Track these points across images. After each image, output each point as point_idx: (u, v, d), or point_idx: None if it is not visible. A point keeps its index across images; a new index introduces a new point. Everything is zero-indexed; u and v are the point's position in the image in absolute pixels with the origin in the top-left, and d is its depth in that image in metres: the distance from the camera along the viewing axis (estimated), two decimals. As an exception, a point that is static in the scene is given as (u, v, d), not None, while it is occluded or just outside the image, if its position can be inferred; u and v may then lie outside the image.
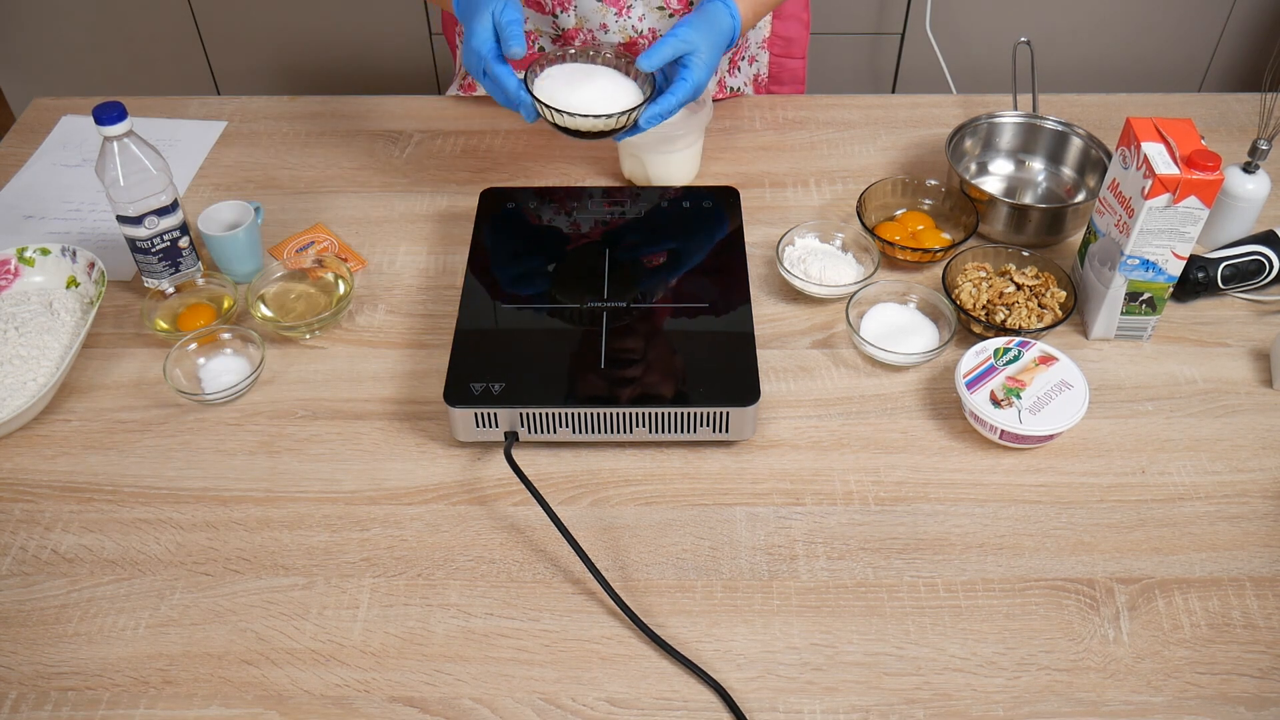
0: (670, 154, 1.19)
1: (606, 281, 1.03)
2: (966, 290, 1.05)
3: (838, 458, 0.95)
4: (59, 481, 0.94)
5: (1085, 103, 1.36)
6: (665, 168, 1.21)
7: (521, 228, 1.11)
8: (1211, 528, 0.89)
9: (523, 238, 1.10)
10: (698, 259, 1.06)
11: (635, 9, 1.23)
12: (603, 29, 1.24)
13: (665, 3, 1.23)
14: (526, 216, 1.12)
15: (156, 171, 1.00)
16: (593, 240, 1.09)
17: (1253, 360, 1.03)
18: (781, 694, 0.79)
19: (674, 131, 1.17)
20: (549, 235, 1.10)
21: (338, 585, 0.86)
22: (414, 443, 0.96)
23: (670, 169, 1.21)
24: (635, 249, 1.07)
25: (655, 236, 1.09)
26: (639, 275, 1.04)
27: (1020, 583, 0.85)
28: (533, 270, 1.06)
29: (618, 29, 1.24)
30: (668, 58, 1.03)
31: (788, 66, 1.40)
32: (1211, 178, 0.91)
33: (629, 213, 1.12)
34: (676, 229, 1.10)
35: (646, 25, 1.24)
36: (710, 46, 1.06)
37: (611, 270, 1.05)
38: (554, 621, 0.83)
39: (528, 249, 1.09)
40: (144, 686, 0.79)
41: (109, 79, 2.40)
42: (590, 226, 1.10)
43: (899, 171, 1.26)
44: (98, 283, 1.06)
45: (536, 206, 1.13)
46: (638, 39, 1.25)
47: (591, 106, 1.00)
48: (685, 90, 1.03)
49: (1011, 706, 0.78)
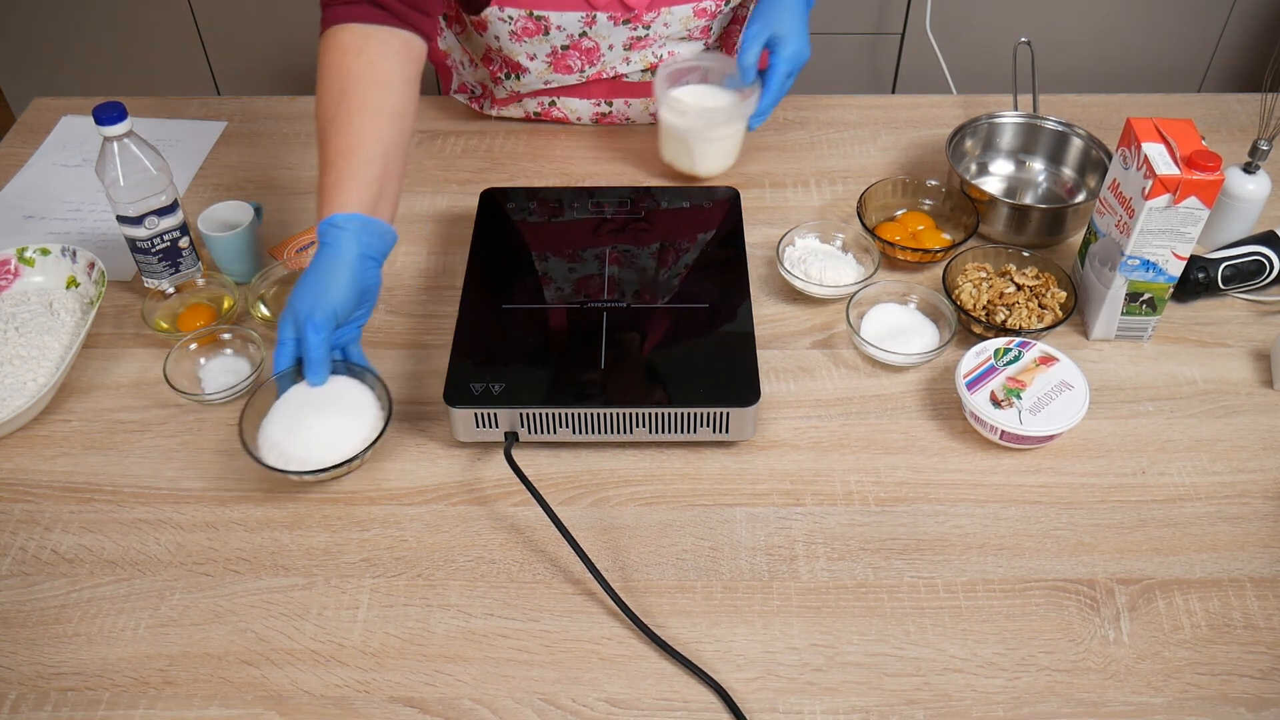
0: (715, 141, 1.19)
1: (606, 281, 1.03)
2: (967, 290, 1.05)
3: (838, 458, 0.95)
4: (59, 481, 0.94)
5: (1085, 103, 1.36)
6: (707, 153, 1.21)
7: (521, 228, 1.11)
8: (1212, 528, 0.89)
9: (523, 238, 1.10)
10: (698, 259, 1.06)
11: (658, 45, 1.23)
12: (624, 61, 1.24)
13: (689, 34, 1.23)
14: (526, 217, 1.12)
15: (156, 171, 1.00)
16: (593, 241, 1.09)
17: (1253, 361, 1.03)
18: (781, 694, 0.78)
19: (720, 117, 1.18)
20: (549, 235, 1.10)
21: (338, 585, 0.86)
22: (414, 443, 0.96)
23: (711, 156, 1.21)
24: (635, 249, 1.07)
25: (655, 237, 1.09)
26: (639, 275, 1.04)
27: (1020, 583, 0.85)
28: (533, 270, 1.06)
29: (638, 58, 1.24)
30: (755, 59, 1.08)
31: None
32: (1212, 178, 0.91)
33: (629, 213, 1.12)
34: (676, 229, 1.10)
35: (665, 50, 1.24)
36: (790, 24, 1.10)
37: (611, 271, 1.05)
38: (554, 622, 0.83)
39: (528, 249, 1.09)
40: (144, 687, 0.79)
41: (109, 79, 2.40)
42: (590, 227, 1.10)
43: (899, 172, 1.26)
44: (98, 283, 1.06)
45: (536, 207, 1.13)
46: (655, 62, 1.25)
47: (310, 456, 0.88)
48: (778, 75, 1.08)
49: (1012, 707, 0.78)
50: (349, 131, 0.95)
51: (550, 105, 1.30)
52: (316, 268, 0.91)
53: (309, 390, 0.92)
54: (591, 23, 1.17)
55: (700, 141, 1.19)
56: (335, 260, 0.91)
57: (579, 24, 1.17)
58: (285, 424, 0.90)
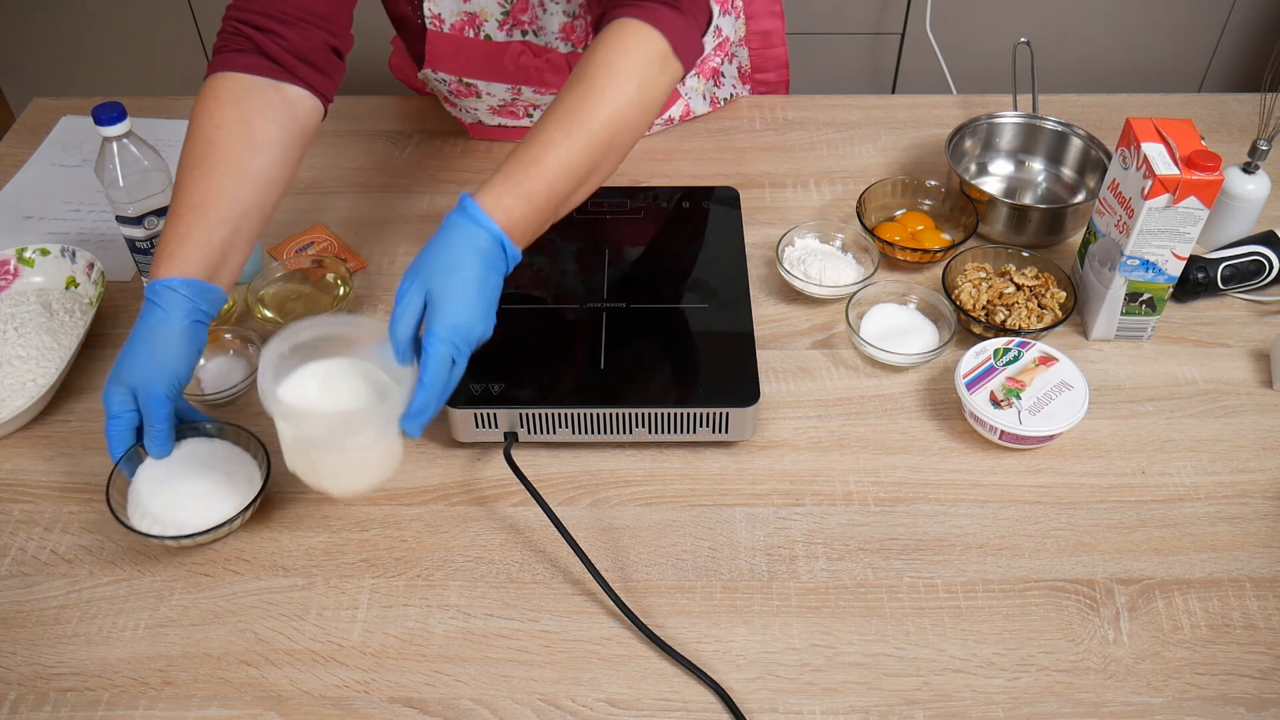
0: (350, 452, 0.82)
1: (606, 281, 1.03)
2: (966, 291, 1.05)
3: (837, 458, 0.95)
4: (59, 481, 0.94)
5: (1085, 103, 1.36)
6: (341, 468, 0.83)
7: (521, 228, 1.11)
8: (1211, 528, 0.89)
9: (522, 238, 1.10)
10: (697, 259, 1.06)
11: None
12: None
13: None
14: (526, 217, 1.12)
15: (156, 172, 1.00)
16: (592, 240, 1.09)
17: (1253, 361, 1.03)
18: (781, 695, 0.78)
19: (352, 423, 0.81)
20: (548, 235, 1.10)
21: (337, 586, 0.86)
22: (413, 443, 0.96)
23: (347, 471, 0.83)
24: (635, 249, 1.07)
25: (655, 237, 1.09)
26: (639, 275, 1.04)
27: (1020, 583, 0.85)
28: (532, 270, 1.06)
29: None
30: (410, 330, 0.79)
31: (769, 55, 1.39)
32: (1211, 178, 0.91)
33: (629, 213, 1.12)
34: (676, 229, 1.10)
35: None
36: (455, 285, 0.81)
37: (611, 270, 1.05)
38: (553, 622, 0.83)
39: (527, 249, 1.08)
40: (144, 687, 0.79)
41: (109, 79, 2.40)
42: (590, 226, 1.10)
43: (899, 172, 1.26)
44: (97, 283, 1.06)
45: (536, 207, 1.13)
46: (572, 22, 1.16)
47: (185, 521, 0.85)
48: (434, 360, 0.78)
49: (1011, 707, 0.78)
50: (206, 187, 0.89)
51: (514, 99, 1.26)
52: (148, 333, 0.84)
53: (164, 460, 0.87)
54: (518, 93, 1.21)
55: (329, 454, 0.82)
56: (167, 326, 0.84)
57: (507, 92, 1.21)
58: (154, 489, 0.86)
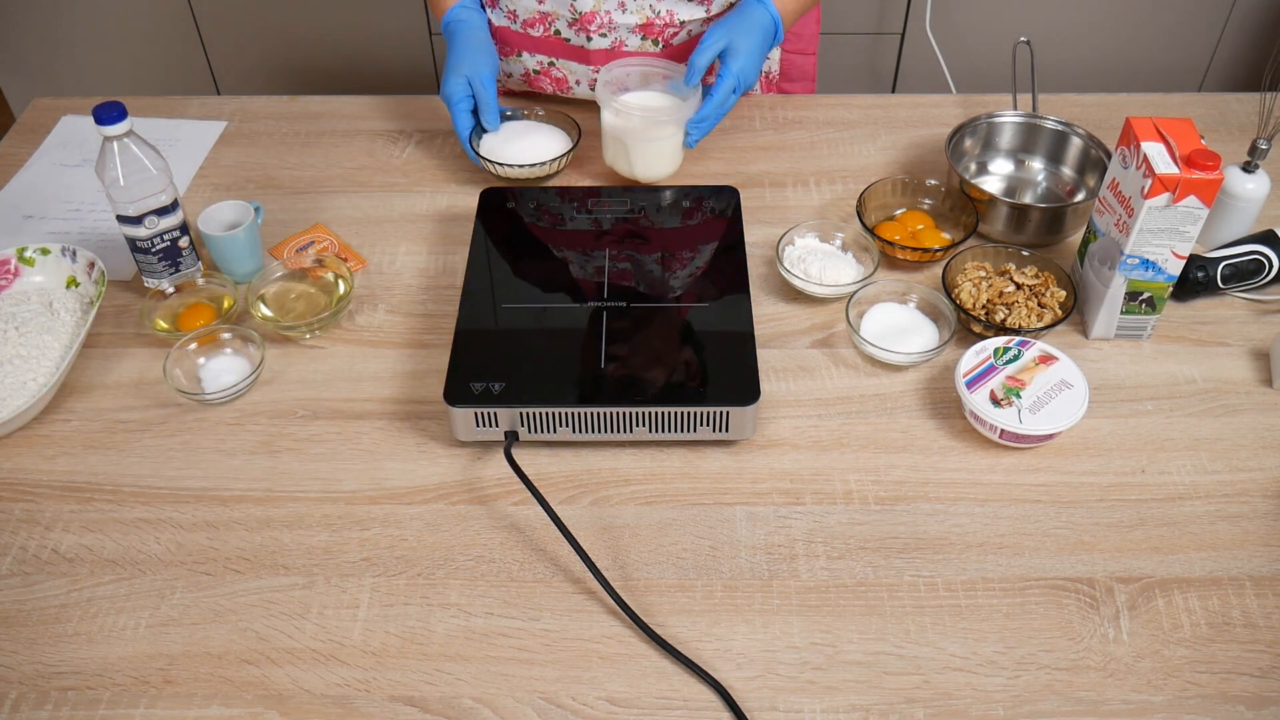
0: (653, 142, 1.18)
1: (606, 281, 1.03)
2: (966, 290, 1.06)
3: (838, 457, 0.95)
4: (59, 481, 0.94)
5: (1085, 103, 1.36)
6: (647, 155, 1.19)
7: (521, 228, 1.11)
8: (1211, 527, 0.89)
9: (523, 238, 1.10)
10: (698, 259, 1.06)
11: None
12: (620, 8, 1.23)
13: None
14: (526, 216, 1.12)
15: (156, 171, 1.00)
16: (593, 239, 1.09)
17: (1252, 360, 1.03)
18: (781, 693, 0.79)
19: (659, 118, 1.17)
20: (549, 235, 1.10)
21: (338, 585, 0.86)
22: (414, 442, 0.96)
23: (652, 159, 1.20)
24: (635, 249, 1.07)
25: (655, 236, 1.09)
26: (639, 275, 1.04)
27: (1020, 582, 0.85)
28: (532, 270, 1.06)
29: (635, 8, 1.24)
30: (707, 62, 1.09)
31: (798, 64, 1.39)
32: (1211, 177, 0.91)
33: (629, 213, 1.12)
34: (676, 229, 1.10)
35: (664, 7, 1.24)
36: (748, 42, 1.11)
37: (611, 270, 1.05)
38: (554, 621, 0.83)
39: (527, 249, 1.09)
40: (144, 686, 0.79)
41: (109, 79, 2.40)
42: (590, 226, 1.10)
43: (899, 171, 1.26)
44: (98, 283, 1.06)
45: (536, 206, 1.13)
46: (653, 19, 1.24)
47: (521, 158, 1.21)
48: (723, 87, 1.09)
49: (1011, 706, 0.78)
50: None
51: (549, 65, 1.31)
52: (465, 37, 1.21)
53: None
54: None
55: (639, 142, 1.18)
56: (479, 31, 1.22)
57: None
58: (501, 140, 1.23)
